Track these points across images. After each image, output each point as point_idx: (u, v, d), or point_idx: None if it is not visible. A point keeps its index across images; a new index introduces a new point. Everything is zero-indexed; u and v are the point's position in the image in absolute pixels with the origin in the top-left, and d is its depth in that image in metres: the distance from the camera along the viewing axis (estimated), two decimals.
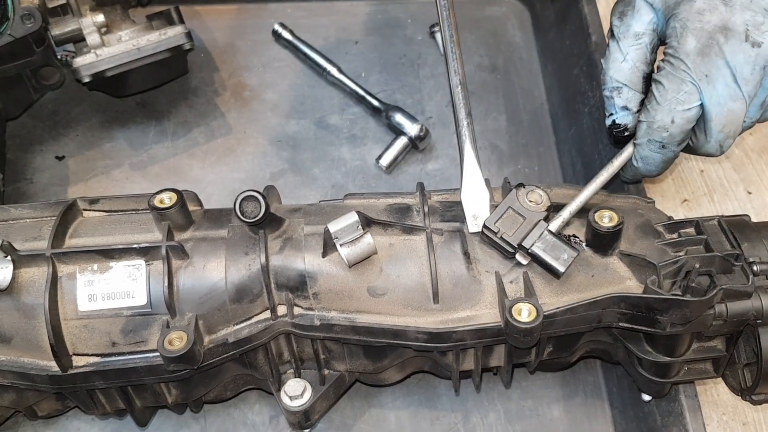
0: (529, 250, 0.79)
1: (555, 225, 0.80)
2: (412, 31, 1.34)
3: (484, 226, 0.81)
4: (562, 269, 0.78)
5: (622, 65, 0.84)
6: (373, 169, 1.18)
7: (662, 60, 0.82)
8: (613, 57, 0.85)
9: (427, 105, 1.25)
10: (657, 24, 0.83)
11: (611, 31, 0.86)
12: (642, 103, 0.84)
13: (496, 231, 0.80)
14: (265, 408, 0.96)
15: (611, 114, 0.86)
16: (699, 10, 0.79)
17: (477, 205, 0.84)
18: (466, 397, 0.98)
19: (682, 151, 0.85)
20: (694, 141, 0.83)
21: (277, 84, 1.27)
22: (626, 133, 0.86)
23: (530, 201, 0.81)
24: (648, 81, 0.84)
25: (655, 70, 0.83)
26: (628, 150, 0.86)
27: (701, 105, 0.79)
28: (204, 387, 0.86)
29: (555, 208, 0.82)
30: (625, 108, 0.84)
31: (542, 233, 0.79)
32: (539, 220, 0.80)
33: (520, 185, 0.83)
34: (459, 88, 0.90)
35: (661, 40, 0.85)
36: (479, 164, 0.86)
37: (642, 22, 0.83)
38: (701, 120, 0.81)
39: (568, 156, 1.18)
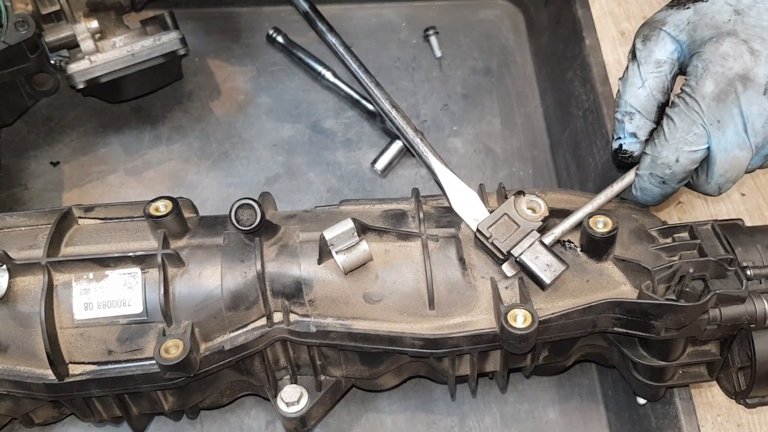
0: (518, 259, 0.79)
1: (547, 241, 0.80)
2: (407, 34, 1.34)
3: (477, 229, 0.81)
4: (548, 281, 0.78)
5: (639, 91, 0.81)
6: (368, 173, 1.18)
7: (678, 96, 0.79)
8: (631, 81, 0.82)
9: (421, 108, 1.25)
10: (680, 55, 0.81)
11: (633, 52, 0.83)
12: (651, 133, 0.82)
13: (488, 236, 0.80)
14: (261, 413, 0.97)
15: (619, 138, 0.83)
16: (724, 54, 0.77)
17: (472, 208, 0.84)
18: (462, 401, 0.98)
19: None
20: (695, 179, 0.82)
21: (272, 88, 1.27)
22: (631, 160, 0.84)
23: (528, 209, 0.81)
24: (662, 110, 0.81)
25: (670, 104, 0.81)
26: (629, 177, 0.84)
27: (708, 148, 0.78)
28: (200, 394, 0.86)
29: (550, 214, 0.82)
30: (634, 135, 0.82)
31: (533, 243, 0.79)
32: (532, 230, 0.80)
33: (521, 193, 0.82)
34: (394, 110, 0.93)
35: (681, 70, 0.82)
36: (451, 170, 0.86)
37: (665, 51, 0.81)
38: (705, 161, 0.79)
39: (562, 159, 1.18)
